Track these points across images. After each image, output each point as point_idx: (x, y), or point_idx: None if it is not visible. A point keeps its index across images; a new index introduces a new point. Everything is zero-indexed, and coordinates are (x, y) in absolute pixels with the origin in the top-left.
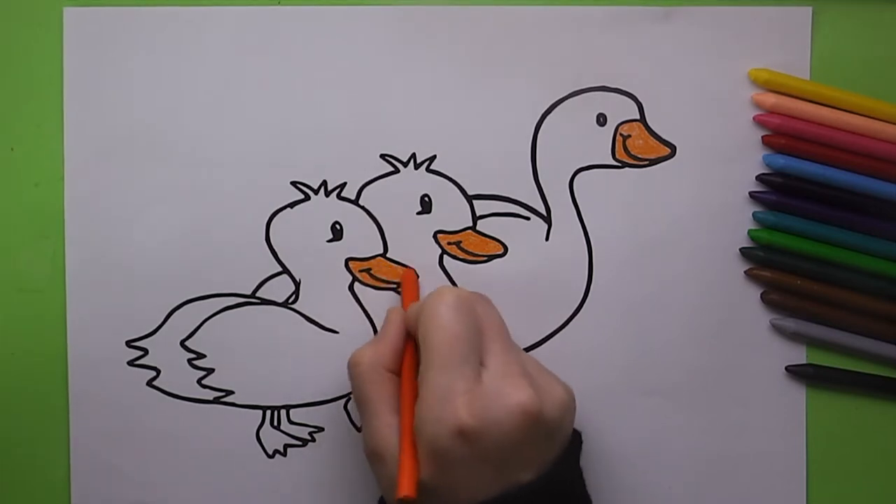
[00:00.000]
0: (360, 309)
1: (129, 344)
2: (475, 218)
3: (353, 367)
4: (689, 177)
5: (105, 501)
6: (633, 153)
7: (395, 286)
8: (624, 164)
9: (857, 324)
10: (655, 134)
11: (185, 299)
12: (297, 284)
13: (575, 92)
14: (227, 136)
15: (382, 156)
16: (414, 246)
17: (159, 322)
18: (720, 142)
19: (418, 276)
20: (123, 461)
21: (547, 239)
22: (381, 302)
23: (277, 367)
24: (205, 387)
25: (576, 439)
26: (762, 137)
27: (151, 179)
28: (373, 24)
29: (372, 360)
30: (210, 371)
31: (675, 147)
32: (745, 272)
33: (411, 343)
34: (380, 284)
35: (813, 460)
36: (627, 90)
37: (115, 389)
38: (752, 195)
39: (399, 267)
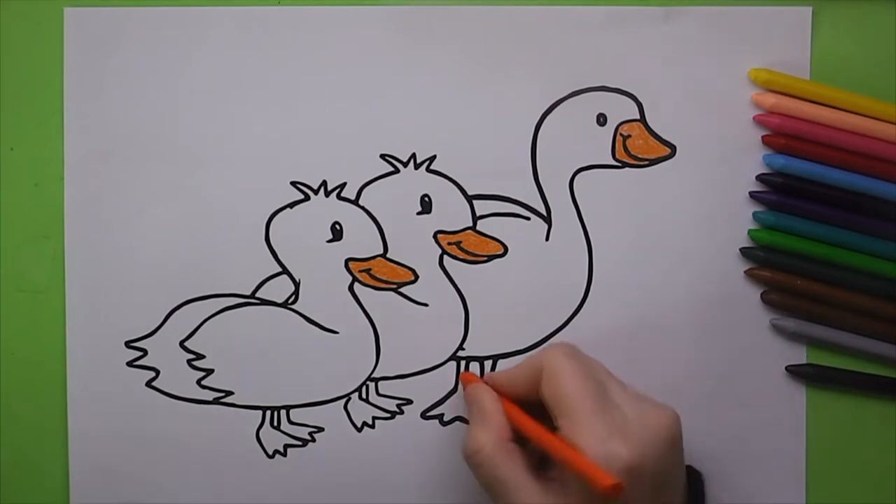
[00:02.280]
0: (360, 309)
1: (128, 344)
2: (475, 218)
3: (475, 455)
4: (689, 177)
5: (105, 502)
6: (633, 153)
7: (394, 286)
8: (624, 164)
9: (857, 324)
10: (655, 134)
11: (184, 299)
12: (297, 285)
13: (575, 92)
14: (227, 136)
15: (382, 156)
16: (414, 246)
17: (159, 322)
18: (720, 142)
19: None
20: (123, 462)
21: (547, 239)
22: (380, 302)
23: (277, 367)
24: (204, 387)
25: (695, 474)
26: (762, 137)
27: (151, 179)
28: (373, 24)
29: (495, 438)
30: (210, 371)
31: (675, 147)
32: (745, 272)
33: (511, 405)
34: (380, 285)
35: (813, 460)
36: (627, 90)
37: (115, 390)
38: (752, 195)
39: (399, 267)
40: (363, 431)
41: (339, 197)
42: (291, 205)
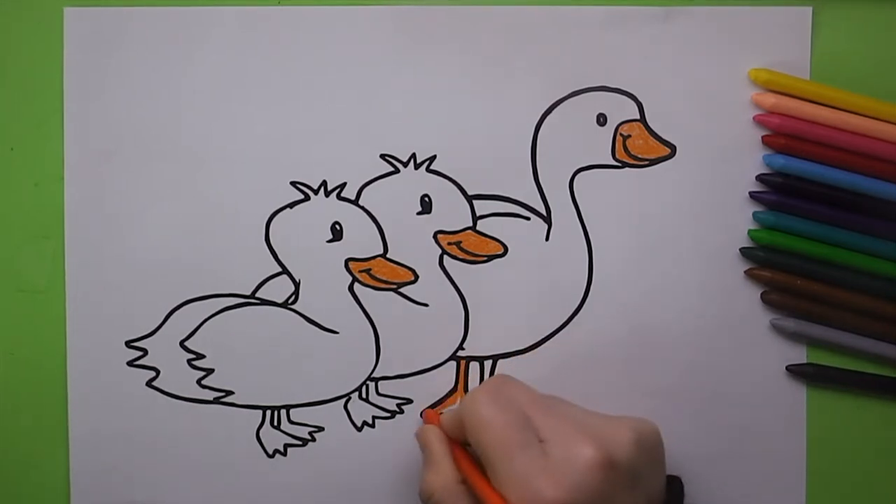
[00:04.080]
0: (359, 309)
1: (128, 344)
2: (475, 218)
3: (429, 500)
4: (689, 177)
5: (105, 502)
6: (633, 153)
7: (394, 286)
8: (624, 164)
9: (857, 324)
10: (655, 134)
11: (184, 299)
12: (297, 285)
13: (575, 92)
14: (227, 135)
15: (382, 156)
16: (414, 246)
17: (159, 322)
18: (720, 142)
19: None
20: (123, 461)
21: (547, 239)
22: (380, 302)
23: (277, 367)
24: (204, 387)
25: (676, 486)
26: (762, 137)
27: (151, 179)
28: (373, 24)
29: (443, 482)
30: (210, 371)
31: (675, 147)
32: (745, 272)
33: (458, 449)
34: (380, 285)
35: (813, 460)
36: (627, 90)
37: (115, 390)
38: (752, 195)
39: (399, 267)
40: (363, 431)
41: (339, 197)
42: (291, 205)
